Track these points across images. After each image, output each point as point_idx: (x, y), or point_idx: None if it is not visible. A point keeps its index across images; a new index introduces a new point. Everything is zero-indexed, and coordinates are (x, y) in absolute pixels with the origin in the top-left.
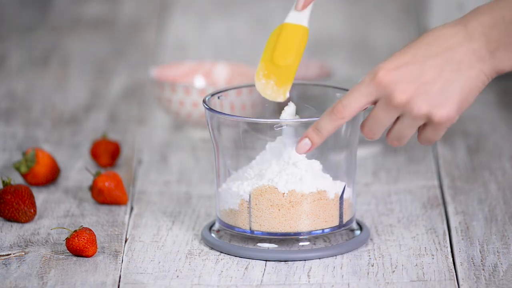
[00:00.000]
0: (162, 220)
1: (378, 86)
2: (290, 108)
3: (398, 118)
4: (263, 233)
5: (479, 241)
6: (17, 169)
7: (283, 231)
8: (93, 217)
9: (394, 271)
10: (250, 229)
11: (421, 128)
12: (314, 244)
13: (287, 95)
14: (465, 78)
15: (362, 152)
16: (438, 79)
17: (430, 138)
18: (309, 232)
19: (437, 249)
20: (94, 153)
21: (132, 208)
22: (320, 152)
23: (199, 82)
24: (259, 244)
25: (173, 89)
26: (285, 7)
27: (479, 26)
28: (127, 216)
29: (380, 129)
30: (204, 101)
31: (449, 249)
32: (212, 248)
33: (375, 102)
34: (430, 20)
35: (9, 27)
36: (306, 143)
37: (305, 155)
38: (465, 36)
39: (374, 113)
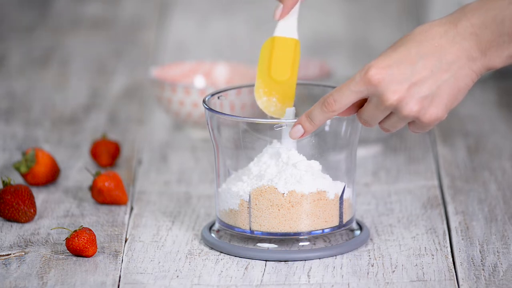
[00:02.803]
0: (162, 220)
1: (369, 84)
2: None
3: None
4: (263, 233)
5: (479, 241)
6: (17, 169)
7: (283, 231)
8: (93, 217)
9: (394, 271)
10: (250, 229)
11: (411, 122)
12: (314, 244)
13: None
14: (455, 78)
15: (362, 152)
16: (429, 79)
17: (419, 131)
18: (309, 232)
19: (437, 249)
20: (94, 153)
21: (132, 208)
22: (320, 152)
23: (199, 82)
24: (259, 244)
25: (173, 89)
26: None
27: (470, 27)
28: (127, 216)
29: (374, 122)
30: (204, 101)
31: (449, 249)
32: (212, 248)
33: (366, 98)
34: (430, 20)
35: (9, 27)
36: (299, 129)
37: (304, 156)
38: (455, 36)
39: (367, 109)
